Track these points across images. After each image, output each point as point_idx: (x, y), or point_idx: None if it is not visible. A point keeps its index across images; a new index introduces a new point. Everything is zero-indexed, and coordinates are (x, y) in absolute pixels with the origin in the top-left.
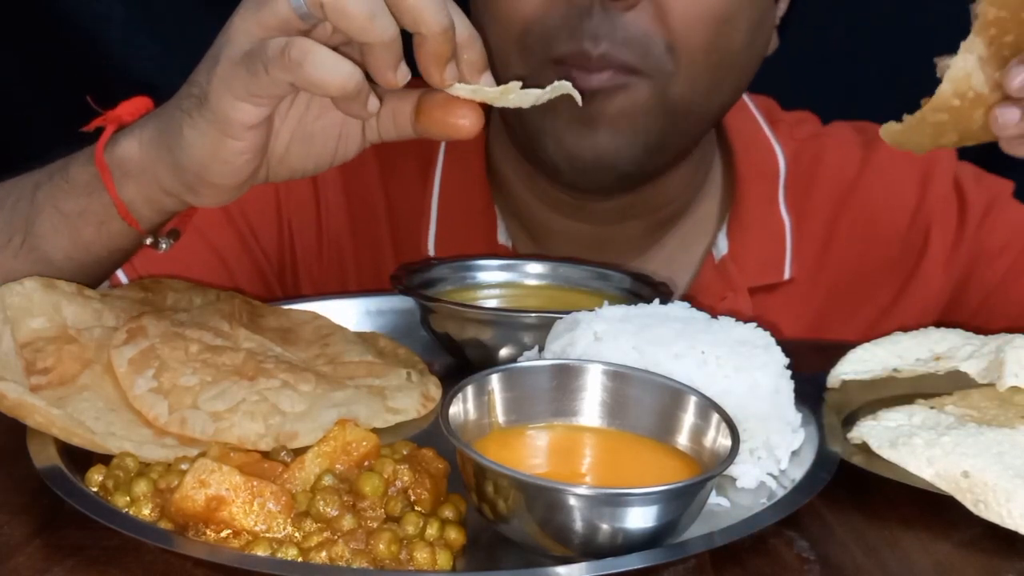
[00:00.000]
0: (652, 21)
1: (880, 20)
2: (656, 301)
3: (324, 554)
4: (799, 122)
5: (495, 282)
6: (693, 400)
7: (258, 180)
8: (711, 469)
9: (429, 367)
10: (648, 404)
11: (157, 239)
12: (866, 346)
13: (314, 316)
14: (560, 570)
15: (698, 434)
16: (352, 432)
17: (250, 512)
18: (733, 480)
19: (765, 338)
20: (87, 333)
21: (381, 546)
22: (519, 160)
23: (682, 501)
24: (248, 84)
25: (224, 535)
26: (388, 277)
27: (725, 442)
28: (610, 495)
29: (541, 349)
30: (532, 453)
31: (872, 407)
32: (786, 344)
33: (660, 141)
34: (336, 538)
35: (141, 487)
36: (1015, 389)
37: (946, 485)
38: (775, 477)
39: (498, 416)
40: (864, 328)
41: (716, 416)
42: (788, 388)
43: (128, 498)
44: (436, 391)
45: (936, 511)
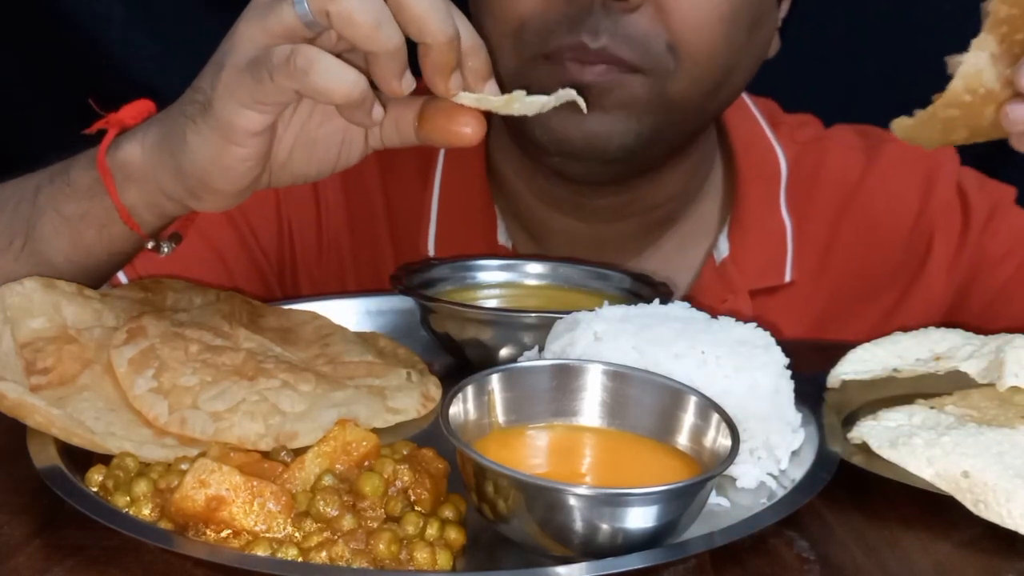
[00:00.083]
0: (653, 22)
1: (880, 21)
2: (656, 301)
3: (324, 554)
4: (801, 124)
5: (495, 282)
6: (693, 400)
7: (260, 186)
8: (711, 469)
9: (429, 367)
10: (648, 404)
11: (159, 243)
12: (866, 346)
13: (314, 316)
14: (560, 570)
15: (698, 434)
16: (352, 432)
17: (250, 512)
18: (733, 480)
19: (765, 338)
20: (87, 333)
21: (381, 546)
22: (520, 160)
23: (682, 501)
24: (253, 91)
25: (224, 535)
26: (388, 277)
27: (725, 442)
28: (610, 495)
29: (541, 349)
30: (532, 453)
31: (872, 407)
32: (786, 344)
33: (653, 134)
34: (336, 538)
35: (141, 487)
36: (1015, 389)
37: (946, 485)
38: (775, 477)
39: (498, 416)
40: (865, 333)
41: (716, 416)
42: (788, 388)
43: (128, 498)
44: (436, 391)
45: (936, 511)
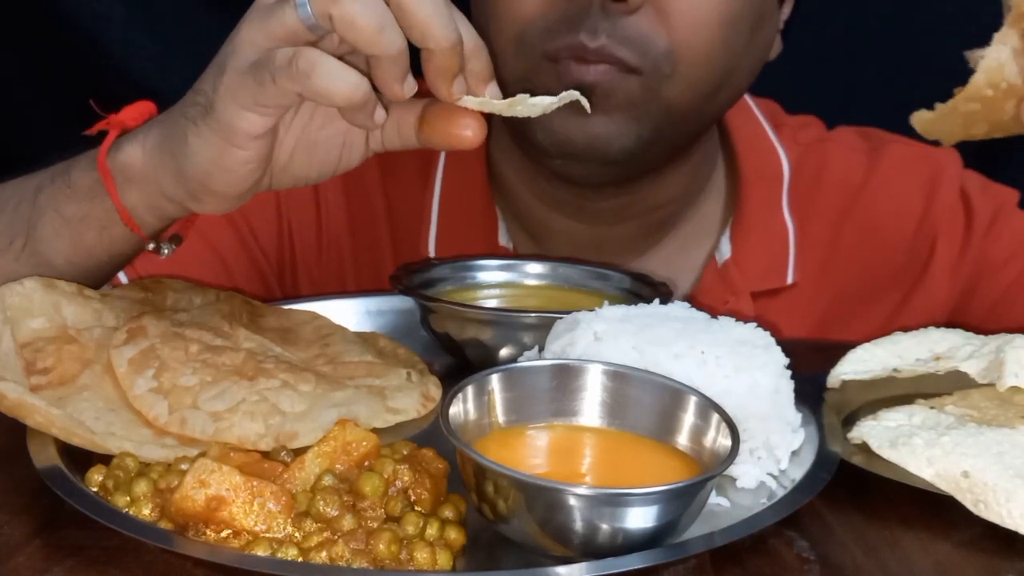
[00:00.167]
0: (653, 24)
1: (882, 22)
2: (656, 301)
3: (324, 554)
4: (803, 126)
5: (495, 282)
6: (693, 400)
7: (261, 188)
8: (711, 469)
9: (429, 367)
10: (648, 404)
11: (159, 244)
12: (866, 346)
13: (314, 316)
14: (560, 570)
15: (698, 434)
16: (352, 432)
17: (250, 512)
18: (733, 480)
19: (765, 338)
20: (87, 333)
21: (381, 546)
22: (521, 161)
23: (682, 501)
24: (254, 94)
25: (224, 535)
26: (387, 277)
27: (725, 442)
28: (610, 495)
29: (541, 349)
30: (532, 453)
31: (872, 407)
32: (786, 344)
33: (654, 136)
34: (336, 538)
35: (141, 487)
36: (1015, 389)
37: (946, 485)
38: (775, 477)
39: (498, 416)
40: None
41: (716, 416)
42: (788, 388)
43: (128, 498)
44: (436, 391)
45: (936, 511)
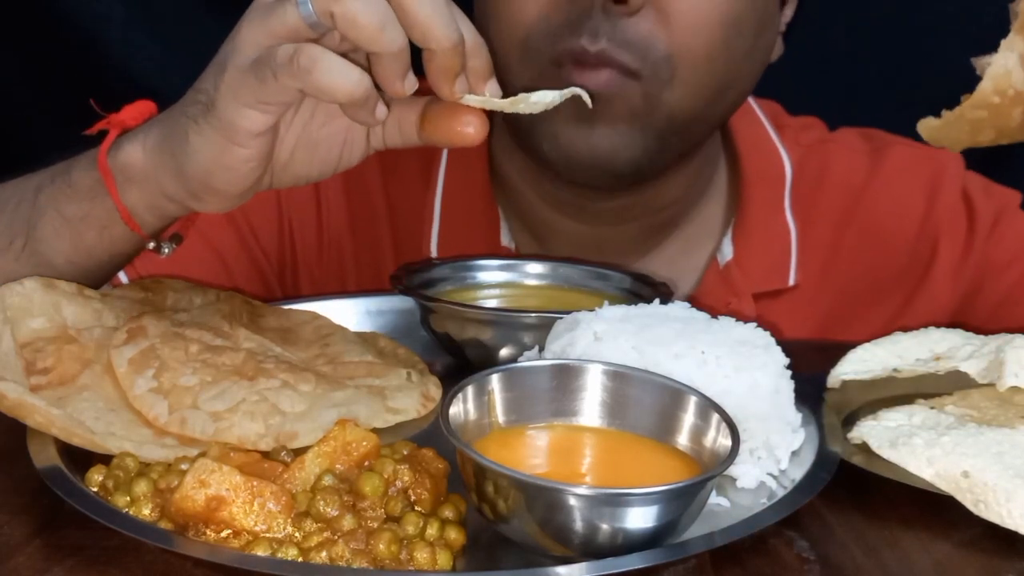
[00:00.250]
0: (654, 26)
1: (883, 23)
2: (656, 301)
3: (324, 554)
4: (805, 127)
5: (495, 282)
6: (693, 400)
7: (262, 187)
8: (711, 469)
9: (429, 367)
10: (648, 404)
11: (159, 244)
12: (866, 346)
13: (314, 316)
14: (560, 570)
15: (698, 434)
16: (352, 432)
17: (250, 512)
18: (733, 480)
19: (765, 338)
20: (87, 333)
21: (381, 546)
22: (523, 162)
23: (682, 501)
24: (256, 91)
25: (224, 535)
26: (388, 277)
27: (725, 442)
28: (610, 495)
29: (541, 349)
30: (532, 453)
31: (872, 407)
32: (786, 344)
33: (659, 144)
34: (336, 538)
35: (141, 487)
36: (1015, 389)
37: (946, 485)
38: (775, 477)
39: (498, 416)
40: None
41: (716, 416)
42: (788, 388)
43: (128, 498)
44: (436, 391)
45: (936, 511)
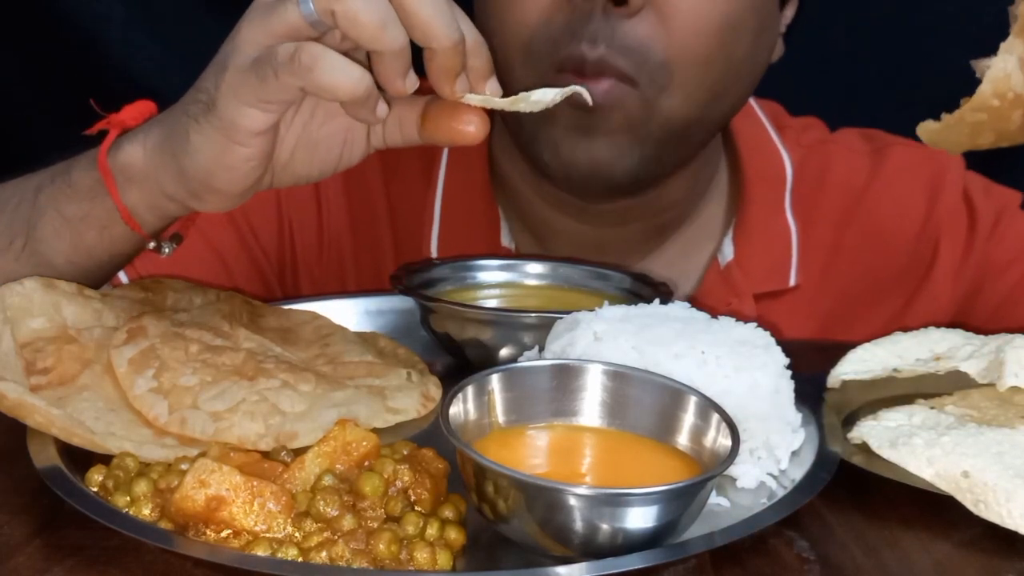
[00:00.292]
0: (654, 29)
1: (883, 23)
2: (656, 301)
3: (324, 554)
4: (806, 128)
5: (495, 282)
6: (693, 400)
7: (262, 186)
8: (711, 469)
9: (429, 367)
10: (648, 404)
11: (160, 244)
12: (866, 346)
13: (314, 316)
14: (560, 570)
15: (698, 434)
16: (352, 432)
17: (250, 512)
18: (733, 480)
19: (765, 338)
20: (87, 333)
21: (381, 546)
22: (523, 161)
23: (682, 501)
24: (257, 90)
25: (224, 535)
26: (388, 277)
27: (725, 442)
28: (610, 495)
29: (541, 349)
30: (532, 453)
31: (872, 407)
32: (786, 344)
33: (657, 152)
34: (336, 538)
35: (141, 487)
36: (1015, 389)
37: (946, 485)
38: (775, 477)
39: (498, 416)
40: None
41: (716, 416)
42: (788, 388)
43: (128, 498)
44: (436, 391)
45: (936, 511)
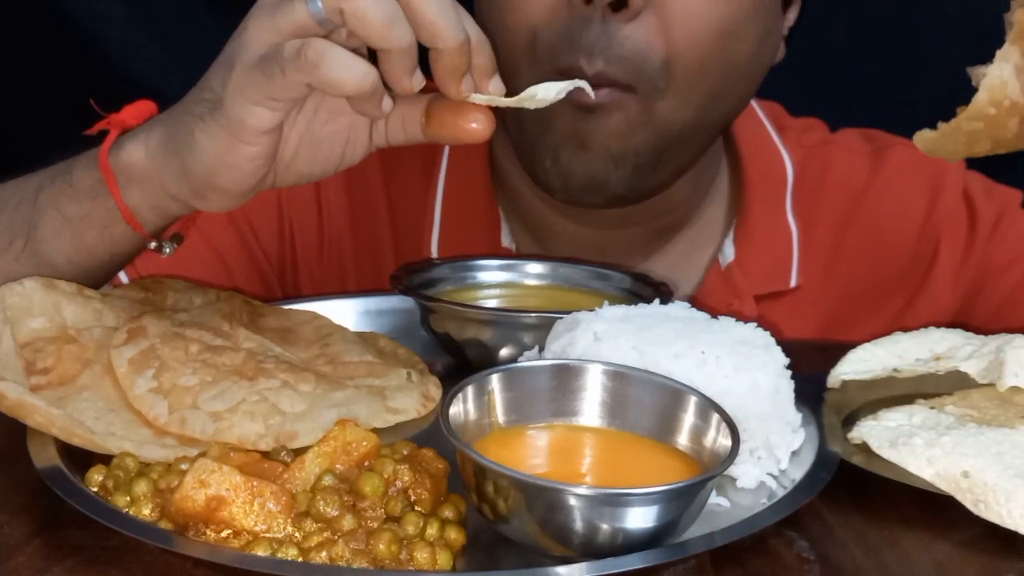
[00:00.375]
0: (653, 33)
1: (883, 23)
2: (656, 301)
3: (324, 554)
4: (807, 129)
5: (495, 282)
6: (693, 400)
7: (265, 186)
8: (711, 469)
9: (429, 367)
10: (648, 404)
11: (161, 243)
12: (866, 346)
13: (314, 316)
14: (560, 570)
15: (698, 434)
16: (352, 432)
17: (250, 512)
18: (733, 480)
19: (765, 338)
20: (87, 333)
21: (381, 546)
22: (524, 172)
23: (682, 501)
24: (264, 87)
25: (224, 535)
26: (388, 277)
27: (725, 442)
28: (610, 495)
29: (541, 349)
30: (532, 453)
31: (872, 407)
32: (786, 344)
33: (653, 161)
34: (336, 538)
35: (141, 487)
36: (1015, 389)
37: (946, 485)
38: (775, 477)
39: (498, 416)
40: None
41: (716, 416)
42: (788, 388)
43: (128, 498)
44: (436, 391)
45: (936, 511)
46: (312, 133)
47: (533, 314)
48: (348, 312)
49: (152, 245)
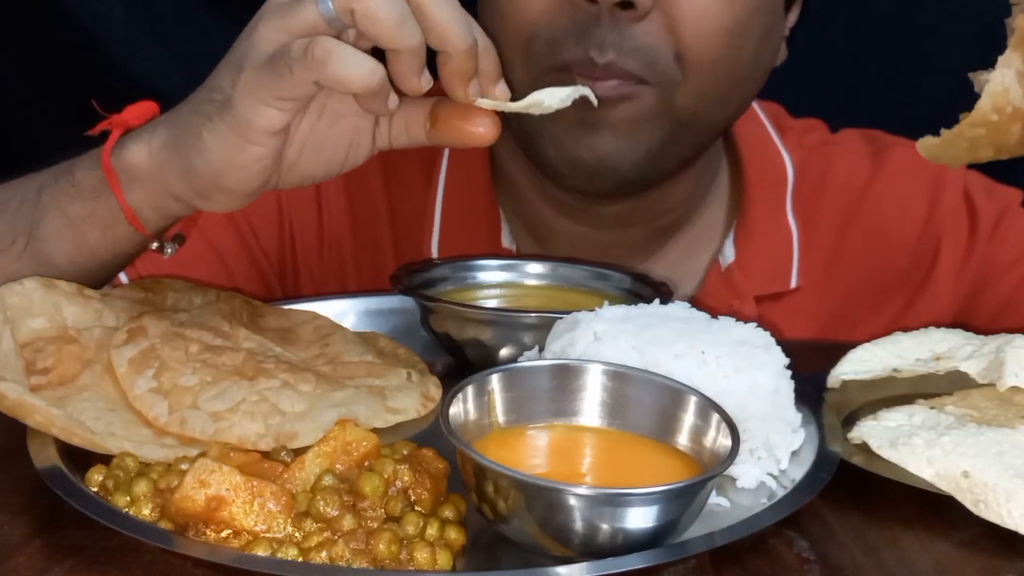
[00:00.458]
0: (661, 32)
1: (883, 24)
2: (656, 301)
3: (324, 554)
4: (807, 130)
5: (495, 282)
6: (693, 400)
7: (268, 187)
8: (711, 469)
9: (429, 367)
10: (648, 404)
11: (162, 244)
12: (866, 346)
13: (314, 316)
14: (560, 570)
15: (698, 434)
16: (352, 432)
17: (250, 512)
18: (733, 480)
19: (765, 338)
20: (87, 333)
21: (381, 546)
22: (526, 162)
23: (682, 501)
24: (272, 87)
25: (224, 535)
26: (388, 277)
27: (725, 442)
28: (610, 495)
29: (541, 349)
30: (532, 453)
31: (872, 407)
32: (786, 344)
33: (663, 148)
34: (336, 538)
35: (141, 487)
36: (1015, 389)
37: (946, 485)
38: (775, 477)
39: (498, 416)
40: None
41: (716, 416)
42: (788, 388)
43: (128, 498)
44: (436, 391)
45: (936, 511)
46: (316, 135)
47: (533, 314)
48: (348, 312)
49: (154, 245)
